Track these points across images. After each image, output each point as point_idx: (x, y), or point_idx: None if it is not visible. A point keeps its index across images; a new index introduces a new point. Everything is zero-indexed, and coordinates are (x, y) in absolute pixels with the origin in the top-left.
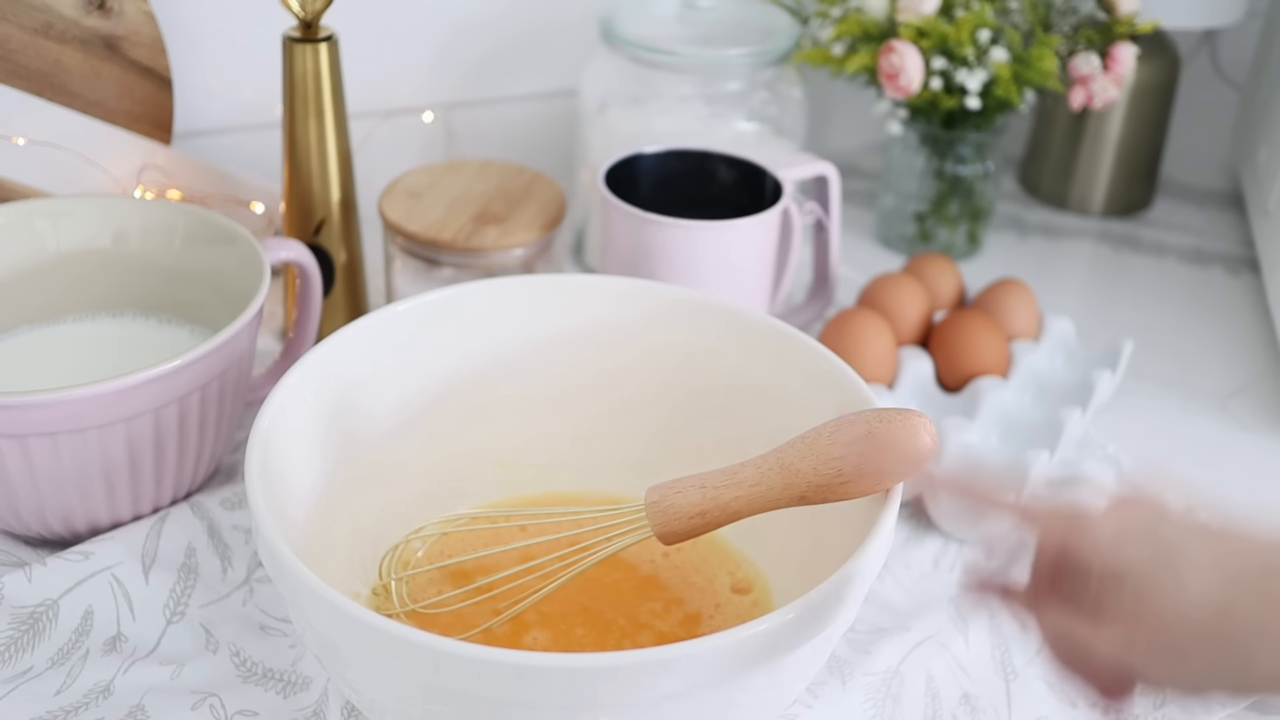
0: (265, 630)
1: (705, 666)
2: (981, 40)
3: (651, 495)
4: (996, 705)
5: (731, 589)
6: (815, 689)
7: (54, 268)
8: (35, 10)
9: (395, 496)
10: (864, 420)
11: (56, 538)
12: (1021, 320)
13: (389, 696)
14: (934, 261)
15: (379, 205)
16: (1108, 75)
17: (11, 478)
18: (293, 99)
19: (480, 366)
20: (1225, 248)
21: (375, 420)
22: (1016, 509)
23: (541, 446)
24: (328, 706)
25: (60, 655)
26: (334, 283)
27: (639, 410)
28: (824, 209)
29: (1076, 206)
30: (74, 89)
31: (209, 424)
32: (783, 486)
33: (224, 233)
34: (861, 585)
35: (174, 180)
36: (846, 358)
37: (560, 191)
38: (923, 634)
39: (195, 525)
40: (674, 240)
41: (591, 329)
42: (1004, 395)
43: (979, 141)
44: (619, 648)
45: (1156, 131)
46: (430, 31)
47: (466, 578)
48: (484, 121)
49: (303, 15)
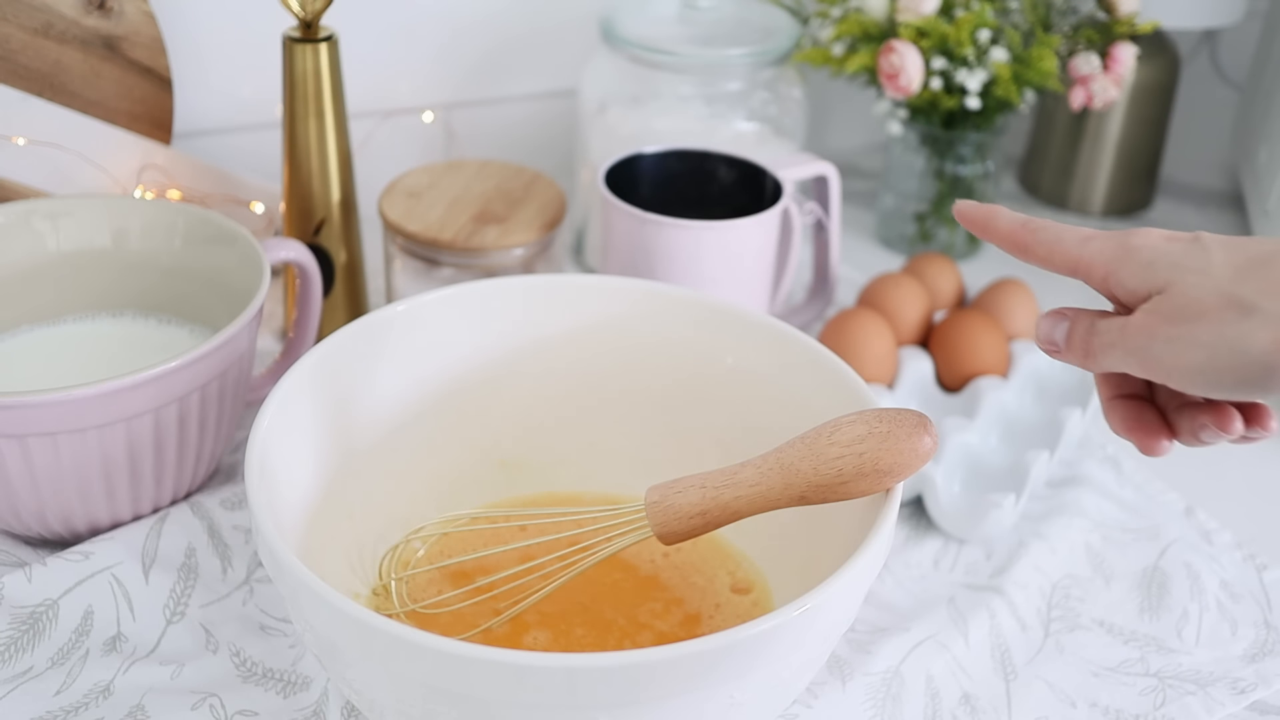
0: (265, 630)
1: (705, 666)
2: (981, 40)
3: (651, 495)
4: (996, 705)
5: (731, 589)
6: (815, 689)
7: (54, 268)
8: (35, 10)
9: (395, 496)
10: (864, 420)
11: (56, 538)
12: (1021, 320)
13: (389, 696)
14: (934, 261)
15: (379, 205)
16: (1108, 75)
17: (11, 478)
18: (293, 99)
19: (480, 366)
20: None
21: (375, 420)
22: (1069, 257)
23: (541, 446)
24: (328, 706)
25: (60, 655)
26: (334, 283)
27: (639, 410)
28: (824, 209)
29: (1076, 206)
30: (74, 89)
31: (209, 424)
32: (783, 486)
33: (224, 233)
34: (861, 585)
35: (174, 180)
36: (846, 358)
37: (560, 191)
38: (923, 634)
39: (195, 525)
40: (674, 240)
41: (591, 329)
42: (1004, 395)
43: (979, 141)
44: (619, 648)
45: (1156, 131)
46: (430, 31)
47: (466, 578)
48: (484, 121)
49: (303, 15)
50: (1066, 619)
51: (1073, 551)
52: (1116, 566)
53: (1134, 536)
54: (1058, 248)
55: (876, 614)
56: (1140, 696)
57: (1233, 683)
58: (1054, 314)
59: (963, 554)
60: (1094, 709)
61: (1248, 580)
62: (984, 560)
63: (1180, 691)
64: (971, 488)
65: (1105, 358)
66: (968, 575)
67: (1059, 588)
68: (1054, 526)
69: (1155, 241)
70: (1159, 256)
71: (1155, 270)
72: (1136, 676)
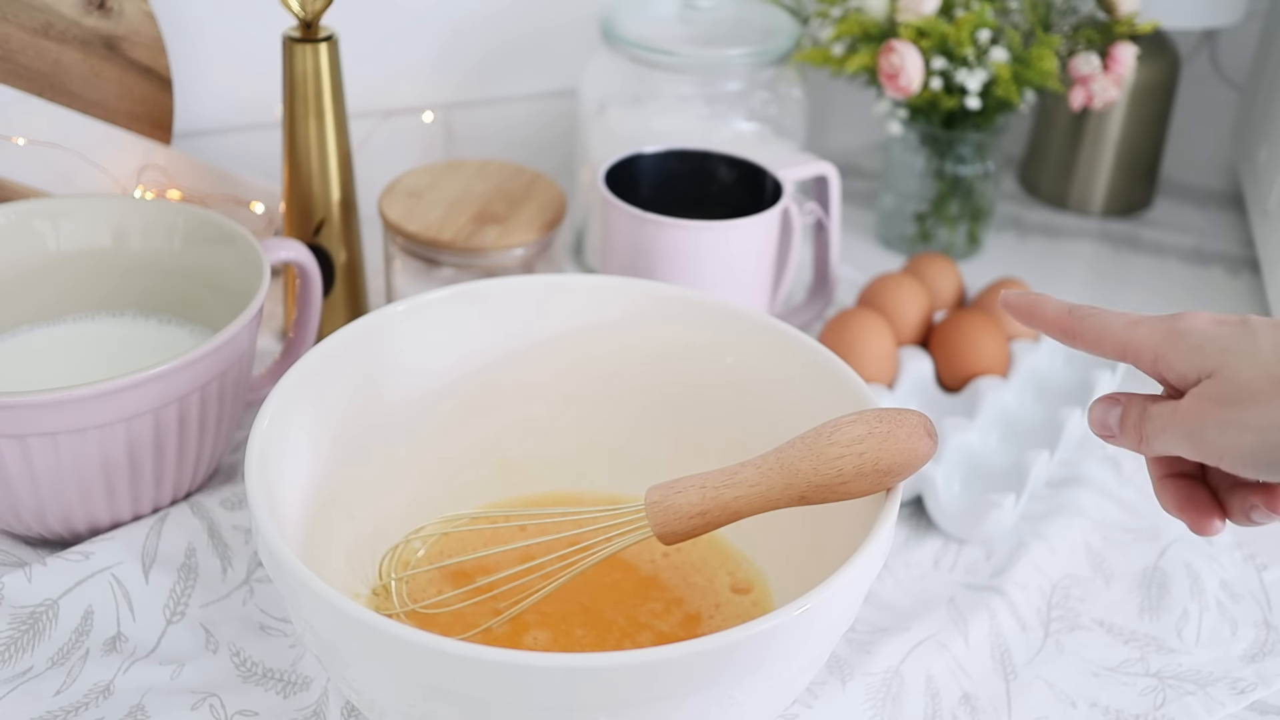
0: (265, 630)
1: (706, 666)
2: (981, 40)
3: (651, 495)
4: (996, 705)
5: (731, 589)
6: (815, 689)
7: (54, 268)
8: (35, 10)
9: (395, 496)
10: (864, 420)
11: (56, 538)
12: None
13: (389, 696)
14: (934, 261)
15: (379, 205)
16: (1108, 75)
17: (11, 478)
18: (293, 99)
19: (481, 366)
20: (1225, 248)
21: (375, 420)
22: (1118, 342)
23: (541, 446)
24: (328, 706)
25: (60, 655)
26: (334, 283)
27: (639, 410)
28: (824, 209)
29: (1076, 206)
30: (74, 89)
31: (209, 424)
32: (783, 486)
33: (224, 233)
34: (861, 585)
35: (174, 180)
36: (846, 358)
37: (560, 191)
38: (923, 634)
39: (195, 525)
40: (674, 240)
41: (591, 329)
42: (1004, 395)
43: (979, 141)
44: (619, 648)
45: (1156, 131)
46: (430, 32)
47: (466, 578)
48: (484, 121)
49: (303, 15)
50: (1066, 619)
51: (1073, 551)
52: (1116, 566)
53: (1134, 536)
54: (1106, 334)
55: (876, 614)
56: (1140, 696)
57: (1233, 683)
58: (1106, 400)
59: (963, 554)
60: (1094, 709)
61: (1248, 580)
62: (984, 560)
63: (1180, 691)
64: (971, 488)
65: (1158, 442)
66: (968, 575)
67: (1059, 588)
68: (1054, 526)
69: (1204, 325)
70: (1208, 340)
71: (1205, 354)
72: (1136, 676)
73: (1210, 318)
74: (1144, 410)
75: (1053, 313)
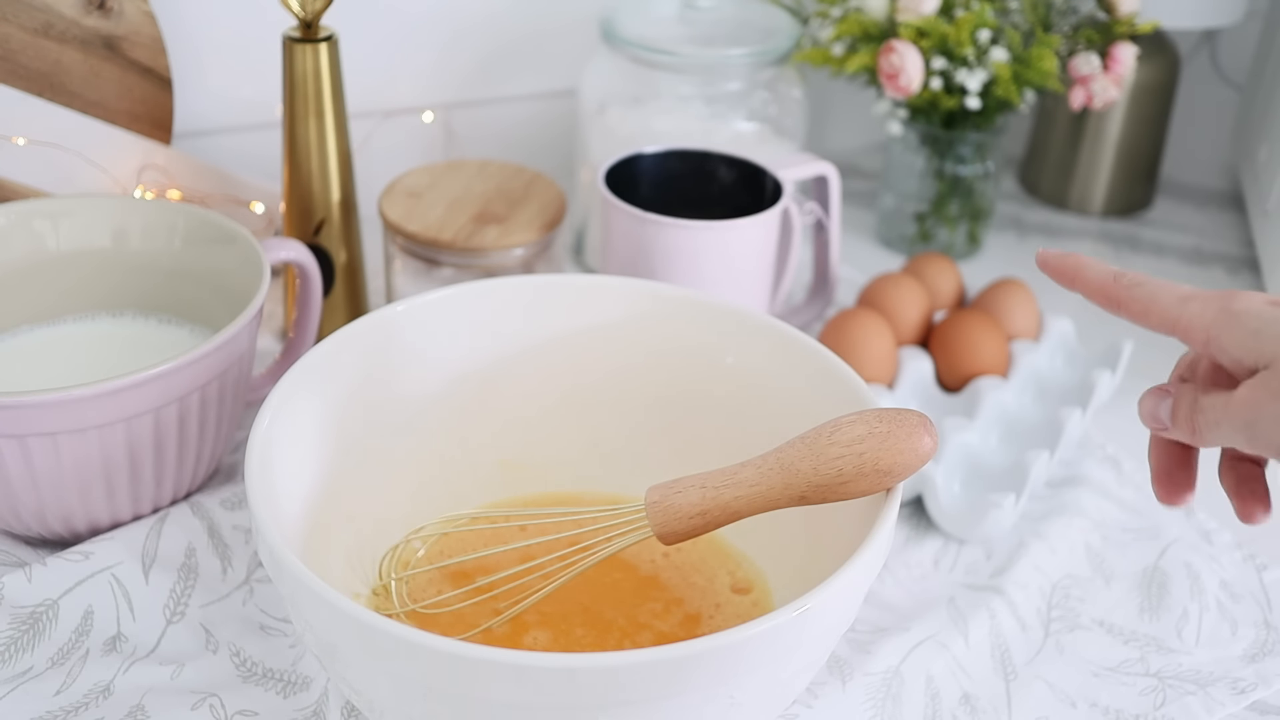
0: (265, 630)
1: (705, 666)
2: (981, 40)
3: (651, 495)
4: (996, 705)
5: (731, 589)
6: (815, 689)
7: (54, 268)
8: (35, 10)
9: (395, 496)
10: (864, 420)
11: (56, 538)
12: (1021, 320)
13: (389, 696)
14: (934, 261)
15: (379, 205)
16: (1108, 75)
17: (11, 478)
18: (293, 99)
19: (480, 366)
20: (1225, 248)
21: (375, 420)
22: (1167, 317)
23: (541, 446)
24: (328, 706)
25: (60, 655)
26: (334, 283)
27: (639, 410)
28: (824, 209)
29: (1076, 206)
30: (74, 89)
31: (209, 424)
32: (783, 486)
33: (224, 233)
34: (861, 585)
35: (174, 180)
36: (846, 358)
37: (560, 191)
38: (923, 634)
39: (195, 525)
40: (674, 240)
41: (591, 329)
42: (1004, 395)
43: (979, 141)
44: (619, 648)
45: (1156, 131)
46: (430, 32)
47: (466, 578)
48: (484, 121)
49: (303, 15)
50: (1066, 619)
51: (1073, 551)
52: (1116, 566)
53: (1134, 536)
54: (1154, 306)
55: (876, 614)
56: (1140, 696)
57: (1233, 683)
58: (1156, 391)
59: (963, 554)
60: (1094, 709)
61: (1248, 580)
62: (984, 560)
63: (1180, 691)
64: (971, 488)
65: (1211, 434)
66: (968, 575)
67: (1059, 588)
68: (1054, 526)
69: (1259, 307)
70: (1265, 325)
71: (1262, 340)
72: (1136, 676)
73: (1265, 299)
74: (1195, 402)
75: (1096, 277)
